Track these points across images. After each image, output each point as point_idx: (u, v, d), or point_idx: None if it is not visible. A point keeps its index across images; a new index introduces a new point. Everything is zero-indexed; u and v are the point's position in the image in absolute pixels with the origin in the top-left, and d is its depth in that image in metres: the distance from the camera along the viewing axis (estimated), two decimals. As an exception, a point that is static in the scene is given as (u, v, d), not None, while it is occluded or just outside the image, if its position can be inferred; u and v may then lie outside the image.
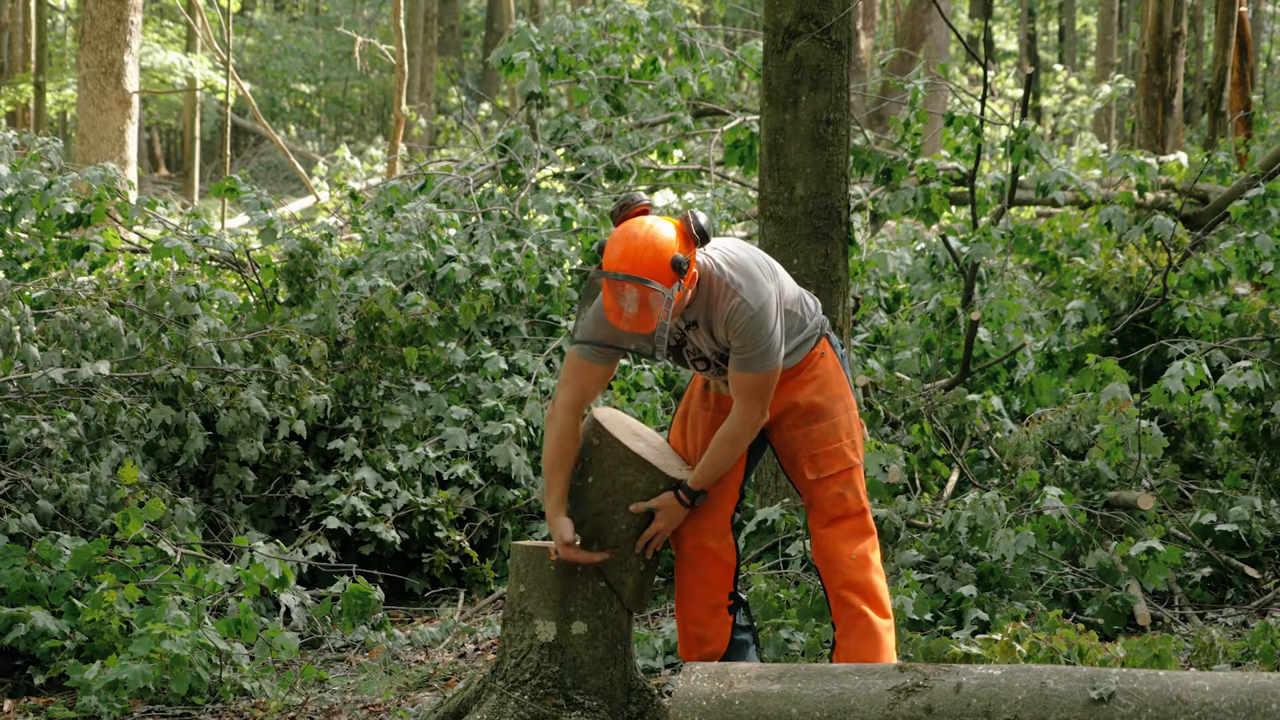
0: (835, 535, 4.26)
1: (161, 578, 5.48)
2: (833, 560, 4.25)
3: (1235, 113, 12.72)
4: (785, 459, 4.34)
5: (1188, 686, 3.58)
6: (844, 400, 4.33)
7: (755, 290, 4.07)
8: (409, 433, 7.05)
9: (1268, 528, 6.19)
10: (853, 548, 4.26)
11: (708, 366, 4.25)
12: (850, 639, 4.25)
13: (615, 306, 3.96)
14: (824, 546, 4.27)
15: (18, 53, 22.33)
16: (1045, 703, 3.61)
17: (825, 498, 4.27)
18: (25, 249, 7.64)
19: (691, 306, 4.11)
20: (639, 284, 3.91)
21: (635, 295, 3.93)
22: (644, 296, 3.93)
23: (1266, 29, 28.97)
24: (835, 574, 4.26)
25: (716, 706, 3.81)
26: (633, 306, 3.93)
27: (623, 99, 9.91)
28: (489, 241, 8.17)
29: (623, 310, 3.94)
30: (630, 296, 3.93)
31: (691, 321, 4.15)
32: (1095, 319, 7.54)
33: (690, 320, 4.15)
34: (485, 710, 4.16)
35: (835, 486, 4.27)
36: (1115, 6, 26.65)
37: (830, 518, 4.27)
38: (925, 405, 6.75)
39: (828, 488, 4.27)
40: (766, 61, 6.08)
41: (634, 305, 3.93)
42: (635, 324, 3.95)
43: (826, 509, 4.27)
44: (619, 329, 3.99)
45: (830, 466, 4.27)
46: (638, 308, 3.93)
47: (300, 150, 23.78)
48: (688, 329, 4.17)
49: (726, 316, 4.05)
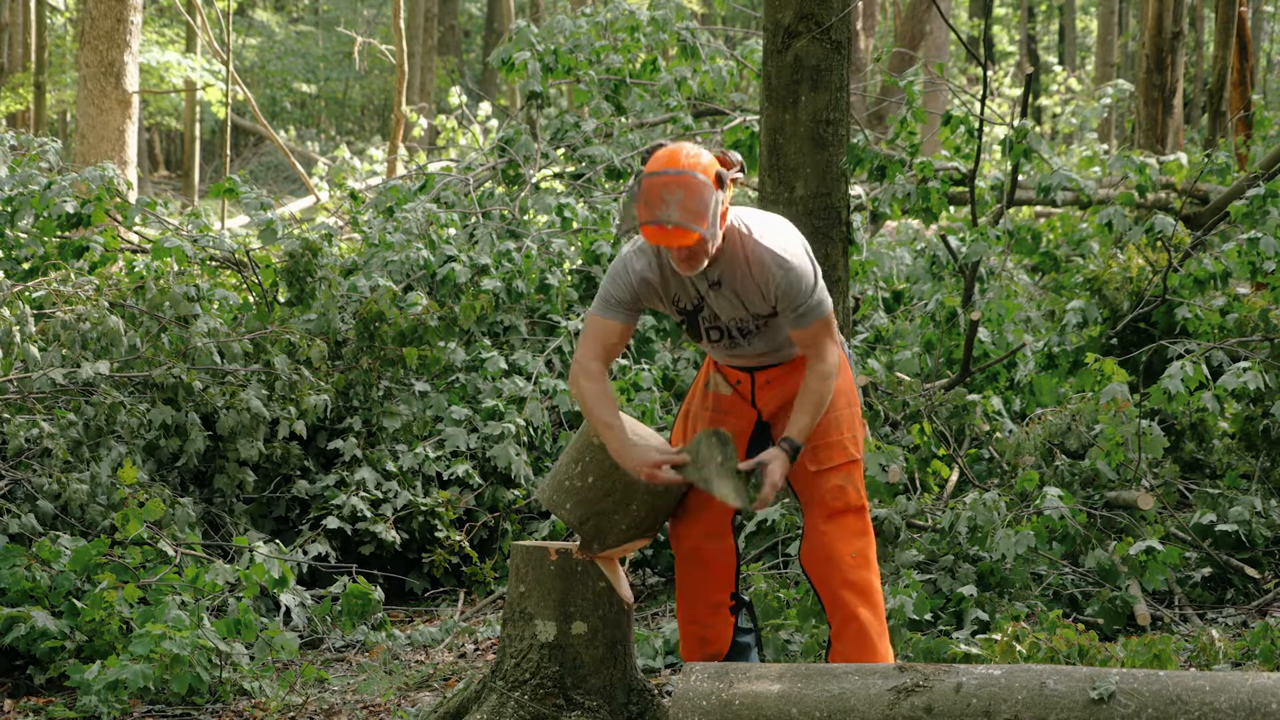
0: (835, 532, 4.22)
1: (161, 578, 5.48)
2: (833, 559, 4.22)
3: (1235, 113, 12.72)
4: None
5: (1188, 686, 3.58)
6: (847, 395, 4.33)
7: (787, 246, 4.08)
8: (409, 433, 7.06)
9: (1268, 528, 6.19)
10: (852, 546, 4.23)
11: (721, 336, 4.21)
12: (844, 641, 4.23)
13: (660, 212, 3.89)
14: (824, 544, 4.23)
15: (18, 53, 22.33)
16: (1045, 703, 3.61)
17: (826, 489, 4.24)
18: (25, 249, 7.63)
19: (716, 264, 4.09)
20: (688, 177, 3.88)
21: (682, 196, 3.89)
22: (692, 191, 3.89)
23: (1266, 29, 28.97)
24: (835, 573, 4.22)
25: (716, 706, 3.81)
26: (675, 213, 3.88)
27: (623, 99, 9.91)
28: (489, 241, 8.17)
29: (668, 218, 3.88)
30: (676, 197, 3.89)
31: (715, 281, 4.12)
32: (1095, 319, 7.54)
33: (714, 279, 4.12)
34: (485, 710, 4.16)
35: (836, 478, 4.25)
36: (1115, 6, 26.65)
37: (830, 510, 4.24)
38: (925, 405, 6.76)
39: (828, 479, 4.25)
40: (766, 61, 6.08)
41: (677, 210, 3.88)
42: (683, 233, 3.88)
43: (827, 501, 4.24)
44: (663, 240, 3.92)
45: (831, 459, 4.25)
46: (682, 212, 3.88)
47: (300, 150, 23.78)
48: (710, 288, 4.14)
49: (766, 277, 4.04)
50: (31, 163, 7.96)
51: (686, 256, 3.99)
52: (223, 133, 19.03)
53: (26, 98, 20.89)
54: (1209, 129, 13.77)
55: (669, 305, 4.21)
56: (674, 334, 7.97)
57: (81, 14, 12.90)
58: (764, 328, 4.19)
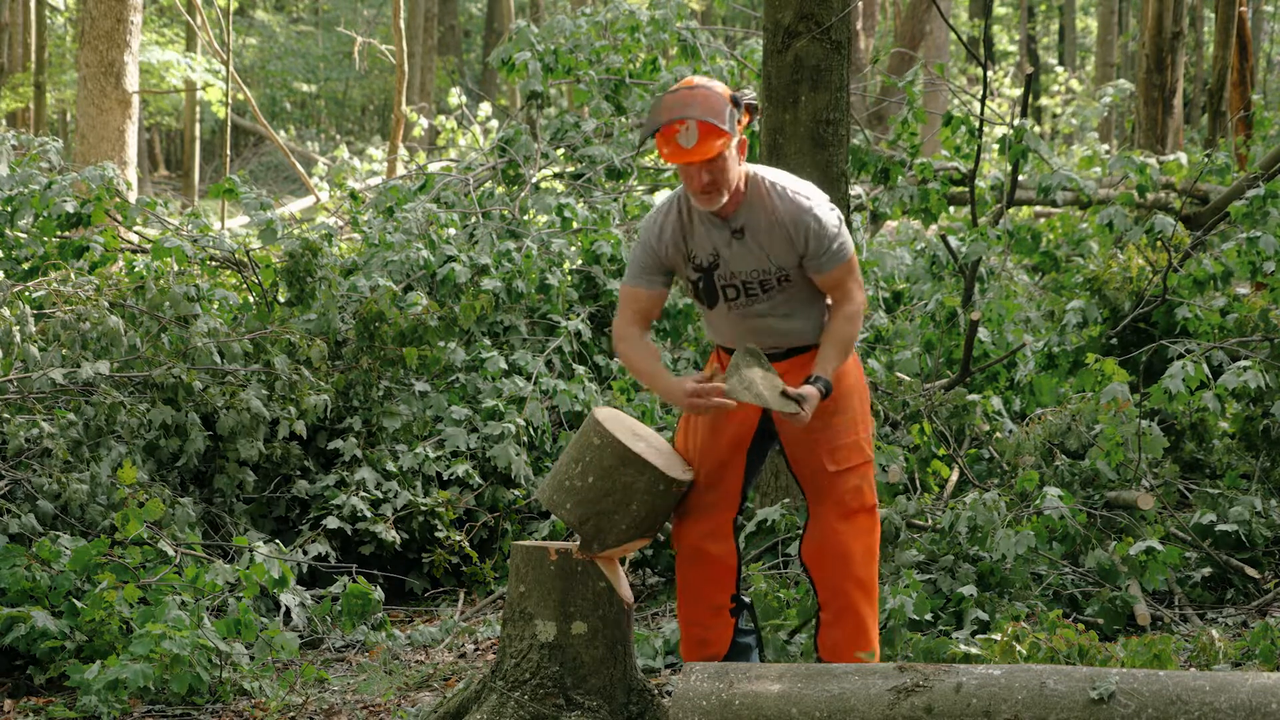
0: (850, 532, 4.27)
1: (161, 578, 5.48)
2: (844, 555, 4.27)
3: (1235, 113, 12.71)
4: (800, 451, 4.30)
5: (1188, 686, 3.58)
6: (860, 393, 4.36)
7: (812, 194, 4.20)
8: (409, 433, 7.05)
9: (1268, 528, 6.19)
10: (862, 544, 4.29)
11: (738, 294, 4.23)
12: (839, 628, 4.30)
13: (681, 111, 3.98)
14: (839, 542, 4.27)
15: (18, 53, 22.33)
16: (1045, 703, 3.61)
17: (845, 490, 4.27)
18: (25, 249, 7.63)
19: (739, 212, 4.16)
20: (704, 89, 4.01)
21: (700, 101, 4.00)
22: (711, 98, 4.01)
23: (1266, 29, 28.96)
24: (844, 568, 4.27)
25: (716, 706, 3.81)
26: (696, 109, 3.98)
27: (623, 99, 9.90)
28: (489, 241, 8.16)
29: (689, 114, 3.97)
30: (695, 101, 4.00)
31: (737, 229, 4.17)
32: (1095, 319, 7.54)
33: (736, 227, 4.17)
34: (485, 710, 4.16)
35: (854, 479, 4.29)
36: (1115, 6, 26.65)
37: (848, 510, 4.27)
38: (925, 405, 6.75)
39: (847, 480, 4.28)
40: (766, 61, 6.08)
41: (698, 107, 3.98)
42: (705, 129, 3.97)
43: (845, 501, 4.27)
44: (685, 139, 3.99)
45: (849, 459, 4.28)
46: (703, 109, 3.98)
47: (300, 150, 23.78)
48: (733, 237, 4.17)
49: (797, 224, 4.13)
50: (32, 162, 7.96)
51: (708, 181, 4.05)
52: (223, 133, 19.04)
53: (27, 96, 20.89)
54: (1209, 129, 13.77)
55: (687, 264, 4.24)
56: (674, 334, 7.97)
57: (81, 14, 12.90)
58: (783, 285, 4.21)
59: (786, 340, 4.29)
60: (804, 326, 4.28)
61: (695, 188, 4.09)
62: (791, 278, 4.21)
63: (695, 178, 4.07)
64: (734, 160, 4.09)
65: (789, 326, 4.28)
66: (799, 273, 4.22)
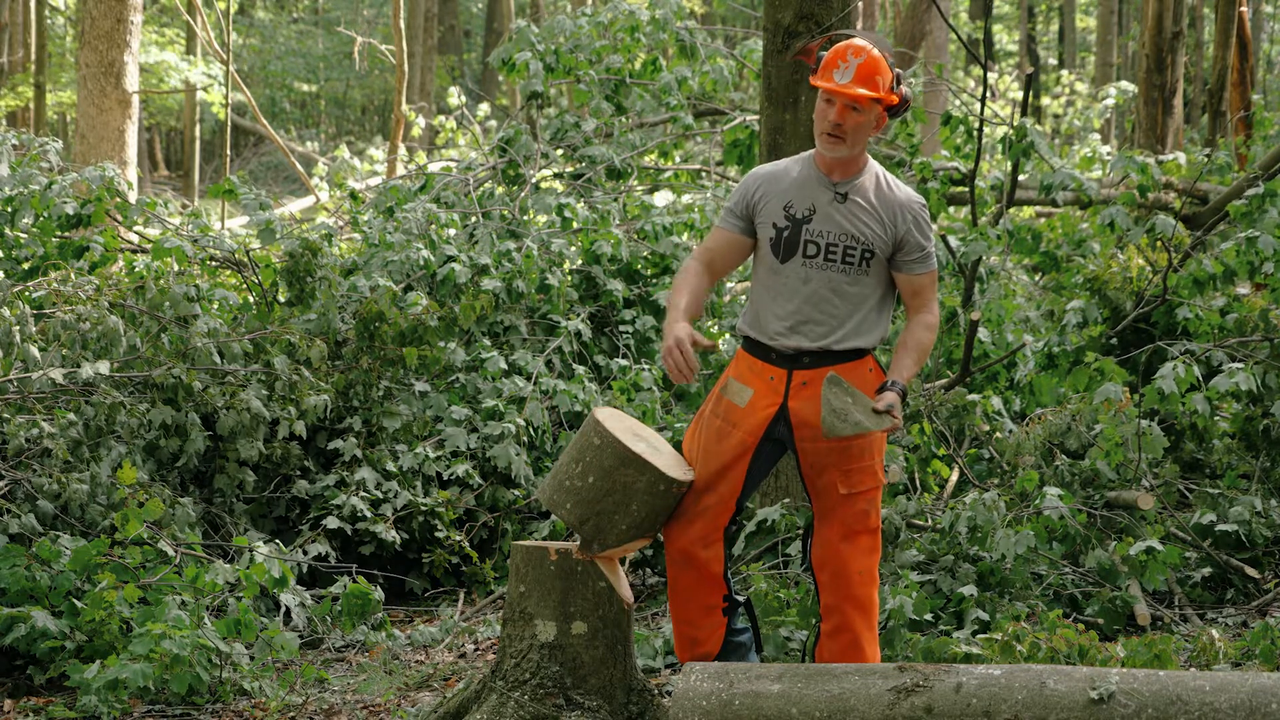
0: (850, 552, 4.27)
1: (161, 578, 5.48)
2: (842, 575, 4.28)
3: (1235, 113, 12.72)
4: (812, 468, 4.27)
5: (1188, 686, 3.58)
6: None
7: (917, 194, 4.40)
8: (409, 433, 7.05)
9: (1268, 528, 6.19)
10: (861, 564, 4.29)
11: (818, 252, 4.24)
12: (835, 644, 4.30)
13: (832, 74, 4.18)
14: (836, 560, 4.28)
15: (18, 53, 22.33)
16: (1045, 703, 3.61)
17: (851, 513, 4.27)
18: (25, 249, 7.63)
19: (849, 180, 4.27)
20: (877, 55, 4.20)
21: (856, 68, 4.18)
22: (880, 59, 4.19)
23: (1266, 29, 28.97)
24: (841, 587, 4.28)
25: (716, 706, 3.81)
26: (849, 75, 4.17)
27: (623, 99, 9.91)
28: (489, 241, 8.16)
29: (838, 82, 4.16)
30: (850, 67, 4.18)
31: (842, 194, 4.24)
32: (1095, 319, 7.54)
33: (842, 191, 4.25)
34: (485, 710, 4.16)
35: (862, 503, 4.28)
36: (1115, 6, 26.63)
37: (850, 531, 4.28)
38: (925, 405, 6.75)
39: (856, 503, 4.28)
40: (766, 61, 6.08)
41: (852, 73, 4.17)
42: (849, 89, 4.15)
43: (849, 523, 4.28)
44: (848, 70, 4.17)
45: (862, 483, 4.28)
46: (855, 78, 4.16)
47: (300, 150, 23.77)
48: (835, 199, 4.23)
49: (904, 208, 4.26)
50: (32, 162, 7.96)
51: (839, 125, 4.18)
52: (223, 133, 19.03)
53: (26, 96, 20.89)
54: (1209, 129, 13.77)
55: (781, 211, 4.27)
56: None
57: (81, 14, 12.89)
58: (863, 265, 4.23)
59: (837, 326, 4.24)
60: (858, 323, 4.25)
61: (826, 127, 4.20)
62: (873, 264, 4.24)
63: (830, 117, 4.19)
64: (869, 123, 4.21)
65: (845, 312, 4.24)
66: (881, 265, 4.25)
